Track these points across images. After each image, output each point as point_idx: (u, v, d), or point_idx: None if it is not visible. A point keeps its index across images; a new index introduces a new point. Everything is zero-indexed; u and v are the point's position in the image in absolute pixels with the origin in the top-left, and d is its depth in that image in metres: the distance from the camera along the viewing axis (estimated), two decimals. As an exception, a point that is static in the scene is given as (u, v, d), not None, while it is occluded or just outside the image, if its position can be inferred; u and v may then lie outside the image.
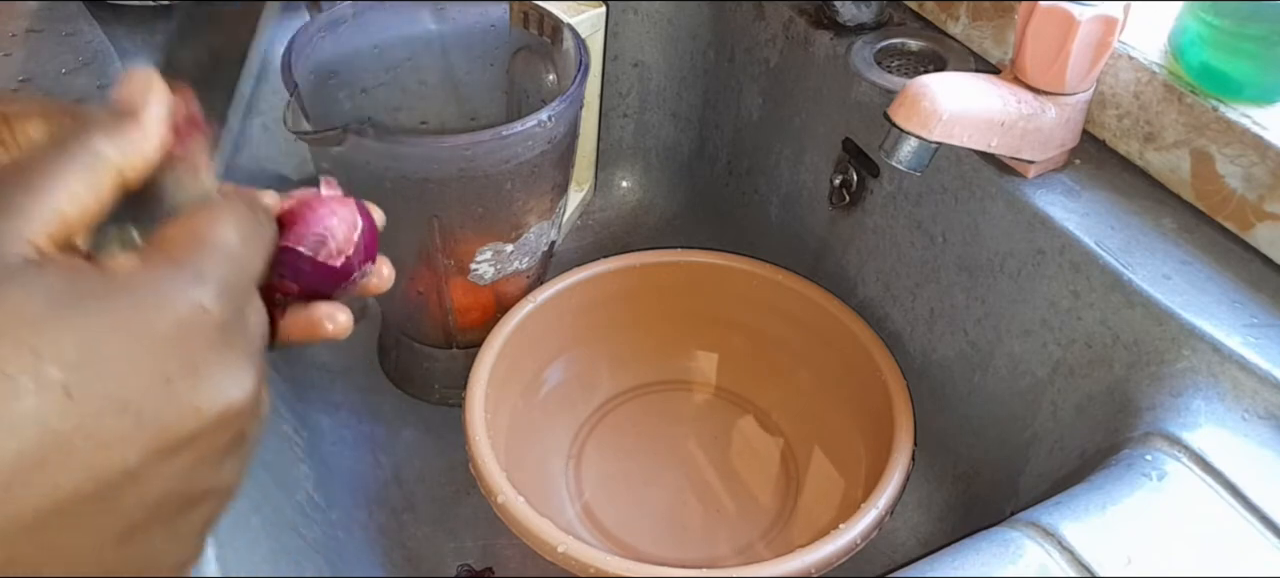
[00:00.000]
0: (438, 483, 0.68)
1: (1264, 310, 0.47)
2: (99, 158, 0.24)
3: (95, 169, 0.23)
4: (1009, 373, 0.57)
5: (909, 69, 0.64)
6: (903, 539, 0.64)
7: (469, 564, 0.63)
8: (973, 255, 0.59)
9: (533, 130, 0.57)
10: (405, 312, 0.70)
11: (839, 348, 0.64)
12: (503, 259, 0.64)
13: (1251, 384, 0.44)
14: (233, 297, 0.24)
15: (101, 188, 0.23)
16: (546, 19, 0.66)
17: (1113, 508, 0.41)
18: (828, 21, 0.68)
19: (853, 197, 0.68)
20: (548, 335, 0.67)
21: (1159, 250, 0.51)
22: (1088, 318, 0.52)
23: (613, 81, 0.83)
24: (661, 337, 0.72)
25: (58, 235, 0.22)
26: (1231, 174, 0.51)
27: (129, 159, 0.24)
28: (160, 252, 0.23)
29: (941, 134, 0.49)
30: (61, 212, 0.22)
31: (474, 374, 0.60)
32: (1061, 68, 0.50)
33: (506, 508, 0.53)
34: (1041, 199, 0.54)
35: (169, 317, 0.22)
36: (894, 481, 0.54)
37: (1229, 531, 0.40)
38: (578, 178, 0.82)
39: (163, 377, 0.22)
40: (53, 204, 0.22)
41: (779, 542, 0.63)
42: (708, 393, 0.72)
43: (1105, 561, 0.39)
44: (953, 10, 0.65)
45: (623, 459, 0.68)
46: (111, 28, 0.64)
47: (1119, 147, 0.57)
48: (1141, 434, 0.46)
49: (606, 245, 0.86)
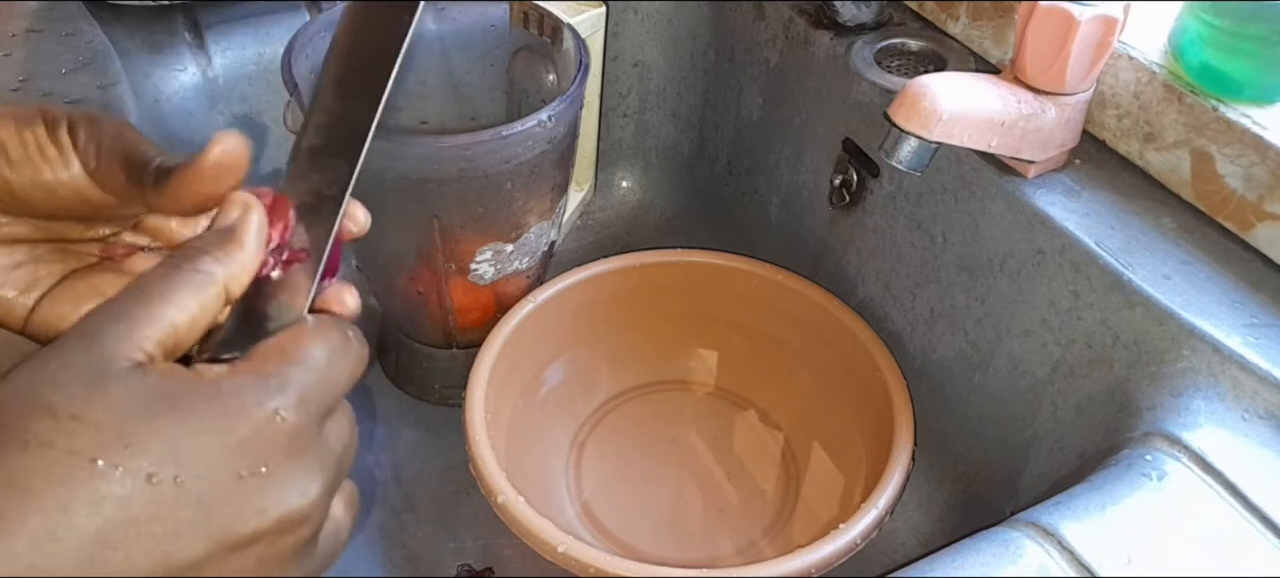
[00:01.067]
0: (438, 483, 0.68)
1: (1264, 310, 0.47)
2: (206, 276, 0.27)
3: (203, 286, 0.26)
4: (1009, 373, 0.57)
5: (909, 69, 0.64)
6: (903, 539, 0.64)
7: (469, 564, 0.63)
8: (973, 255, 0.59)
9: (533, 130, 0.57)
10: (405, 312, 0.70)
11: (839, 348, 0.64)
12: (503, 259, 0.64)
13: (1251, 384, 0.44)
14: (311, 408, 0.26)
15: (208, 301, 0.26)
16: (546, 19, 0.66)
17: (1113, 508, 0.41)
18: (828, 21, 0.68)
19: (853, 197, 0.68)
20: (548, 335, 0.67)
21: (1159, 250, 0.51)
22: (1088, 318, 0.52)
23: (613, 81, 0.83)
24: (661, 336, 0.72)
25: (168, 344, 0.25)
26: (1231, 174, 0.51)
27: (233, 274, 0.27)
28: (249, 363, 0.26)
29: (941, 134, 0.49)
30: (173, 323, 0.25)
31: (474, 374, 0.60)
32: (1061, 68, 0.50)
33: (506, 508, 0.53)
34: (1041, 199, 0.54)
35: (247, 420, 0.24)
36: (894, 480, 0.54)
37: (1229, 531, 0.40)
38: (578, 178, 0.82)
39: (234, 475, 0.24)
40: (165, 317, 0.25)
41: (779, 542, 0.63)
42: (708, 393, 0.72)
43: (1105, 561, 0.39)
44: (953, 10, 0.65)
45: (623, 459, 0.68)
46: (111, 28, 0.64)
47: (1119, 147, 0.57)
48: (1141, 434, 0.46)
49: (606, 245, 0.86)
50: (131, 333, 0.24)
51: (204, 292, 0.26)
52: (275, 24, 0.71)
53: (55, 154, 0.29)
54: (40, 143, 0.28)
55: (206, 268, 0.27)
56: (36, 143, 0.28)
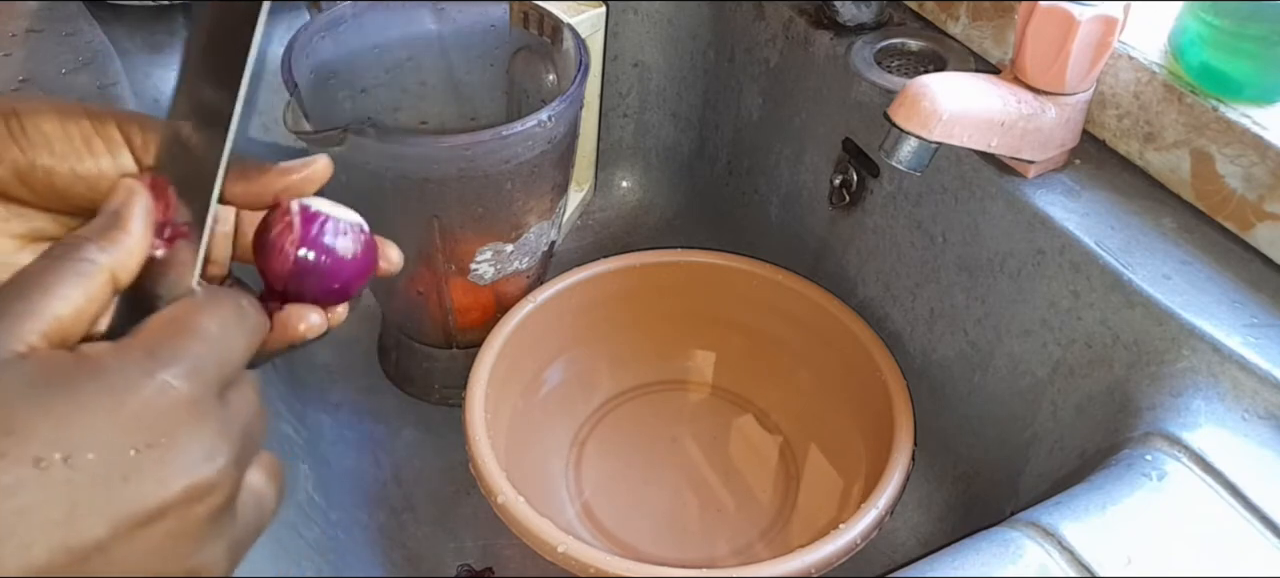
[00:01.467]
0: (438, 483, 0.68)
1: (1264, 310, 0.47)
2: (91, 264, 0.26)
3: (88, 274, 0.26)
4: (1009, 373, 0.57)
5: (909, 69, 0.64)
6: (903, 539, 0.64)
7: (469, 564, 0.63)
8: (973, 255, 0.59)
9: (533, 130, 0.57)
10: (405, 312, 0.70)
11: (839, 348, 0.64)
12: (503, 259, 0.64)
13: (1251, 384, 0.44)
14: (206, 377, 0.25)
15: (94, 290, 0.26)
16: (546, 19, 0.66)
17: (1113, 508, 0.41)
18: (828, 21, 0.68)
19: (853, 197, 0.68)
20: (548, 335, 0.67)
21: (1159, 250, 0.51)
22: (1088, 318, 0.52)
23: (613, 81, 0.83)
24: (661, 337, 0.72)
25: (53, 335, 0.24)
26: (1231, 174, 0.51)
27: (120, 261, 0.27)
28: (135, 339, 0.25)
29: (941, 134, 0.49)
30: (56, 315, 0.25)
31: (474, 374, 0.60)
32: (1061, 68, 0.50)
33: (506, 508, 0.53)
34: (1041, 199, 0.54)
35: (135, 395, 0.24)
36: (894, 481, 0.54)
37: (1229, 531, 0.40)
38: (578, 178, 0.82)
39: (127, 449, 0.23)
40: (48, 309, 0.24)
41: (778, 542, 0.63)
42: (707, 393, 0.72)
43: (1105, 561, 0.39)
44: (953, 10, 0.65)
45: (622, 459, 0.68)
46: (111, 28, 0.64)
47: (1119, 147, 0.57)
48: (1141, 434, 0.46)
49: (606, 245, 0.86)
50: (13, 327, 0.24)
51: (90, 281, 0.26)
52: (275, 24, 0.71)
53: (102, 147, 0.29)
54: (85, 135, 0.28)
55: (91, 256, 0.26)
56: (82, 135, 0.28)
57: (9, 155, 0.28)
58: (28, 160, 0.28)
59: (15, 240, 0.30)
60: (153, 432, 0.24)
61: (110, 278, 0.26)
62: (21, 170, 0.28)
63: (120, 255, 0.27)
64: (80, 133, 0.28)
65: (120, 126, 0.29)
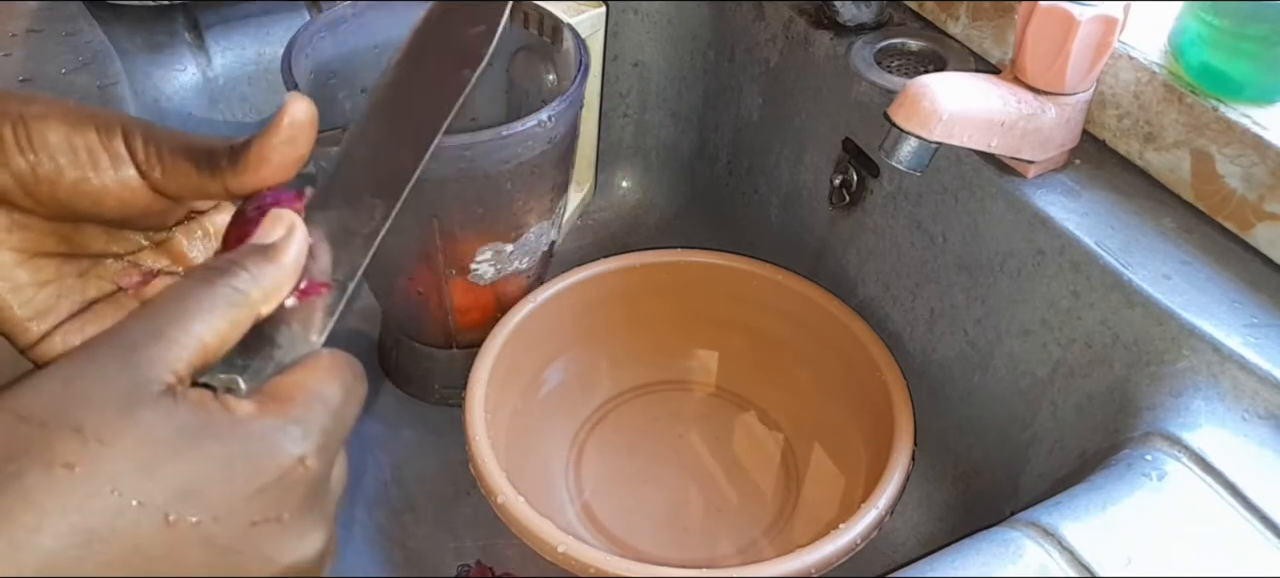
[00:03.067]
0: (438, 483, 0.68)
1: (1264, 310, 0.47)
2: (241, 294, 0.26)
3: (237, 304, 0.25)
4: (1009, 373, 0.57)
5: (909, 69, 0.64)
6: (903, 539, 0.64)
7: (469, 564, 0.63)
8: (973, 255, 0.59)
9: (533, 130, 0.57)
10: (405, 312, 0.70)
11: (839, 348, 0.64)
12: (503, 259, 0.64)
13: (1251, 384, 0.44)
14: (330, 455, 0.25)
15: (239, 319, 0.26)
16: (546, 19, 0.66)
17: (1113, 508, 0.41)
18: (828, 21, 0.68)
19: (853, 197, 0.68)
20: (548, 335, 0.67)
21: (1159, 250, 0.51)
22: (1088, 318, 0.52)
23: (613, 81, 0.83)
24: (661, 336, 0.72)
25: (197, 364, 0.24)
26: (1231, 174, 0.51)
27: (267, 293, 0.26)
28: (276, 402, 0.25)
29: (941, 134, 0.49)
30: (204, 342, 0.25)
31: (474, 374, 0.60)
32: (1061, 68, 0.50)
33: (506, 508, 0.53)
34: (1041, 199, 0.54)
35: (273, 466, 0.24)
36: (894, 480, 0.54)
37: (1229, 531, 0.40)
38: (578, 178, 0.82)
39: (249, 521, 0.23)
40: (198, 335, 0.24)
41: (779, 542, 0.63)
42: (708, 393, 0.72)
43: (1105, 561, 0.39)
44: (953, 10, 0.65)
45: (623, 459, 0.68)
46: (111, 28, 0.64)
47: (1119, 146, 0.57)
48: (1141, 434, 0.46)
49: (606, 245, 0.86)
50: (165, 353, 0.24)
51: (237, 310, 0.25)
52: (275, 24, 0.71)
53: (107, 160, 0.28)
54: (91, 147, 0.28)
55: (242, 285, 0.26)
56: (87, 147, 0.28)
57: (14, 163, 0.28)
58: (32, 169, 0.28)
59: (15, 254, 0.30)
60: (277, 507, 0.24)
61: (255, 311, 0.26)
62: (25, 179, 0.28)
63: (269, 289, 0.26)
64: (86, 145, 0.28)
65: (127, 140, 0.29)
